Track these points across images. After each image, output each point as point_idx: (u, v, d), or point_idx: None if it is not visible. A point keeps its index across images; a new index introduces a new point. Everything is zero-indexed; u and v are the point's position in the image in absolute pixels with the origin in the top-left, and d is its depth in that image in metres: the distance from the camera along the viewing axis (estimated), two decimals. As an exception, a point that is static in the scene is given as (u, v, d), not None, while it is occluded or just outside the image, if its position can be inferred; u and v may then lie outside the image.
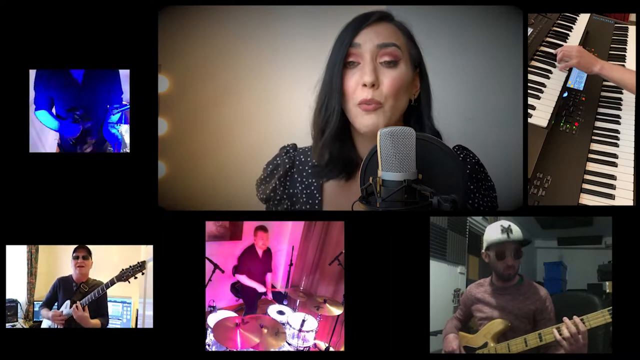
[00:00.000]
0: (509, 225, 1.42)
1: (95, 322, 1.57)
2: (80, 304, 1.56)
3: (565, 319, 1.34)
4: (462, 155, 1.47)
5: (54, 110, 1.63)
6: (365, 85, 1.35)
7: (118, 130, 1.63)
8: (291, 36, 2.08)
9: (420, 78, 1.44)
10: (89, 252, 1.58)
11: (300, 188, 1.51)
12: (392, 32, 1.40)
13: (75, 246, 1.58)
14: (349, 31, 1.39)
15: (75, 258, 1.58)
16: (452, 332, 1.48)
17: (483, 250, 1.45)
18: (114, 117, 1.63)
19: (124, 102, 1.62)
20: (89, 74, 1.62)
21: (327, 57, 1.43)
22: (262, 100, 2.11)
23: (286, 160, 1.53)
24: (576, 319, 1.33)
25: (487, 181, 1.48)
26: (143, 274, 1.55)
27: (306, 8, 2.01)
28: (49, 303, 1.62)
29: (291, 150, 1.55)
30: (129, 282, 1.55)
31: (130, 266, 1.55)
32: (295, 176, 1.52)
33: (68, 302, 1.59)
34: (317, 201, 1.49)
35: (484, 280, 1.48)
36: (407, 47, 1.41)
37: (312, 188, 1.50)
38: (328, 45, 1.42)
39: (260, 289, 1.94)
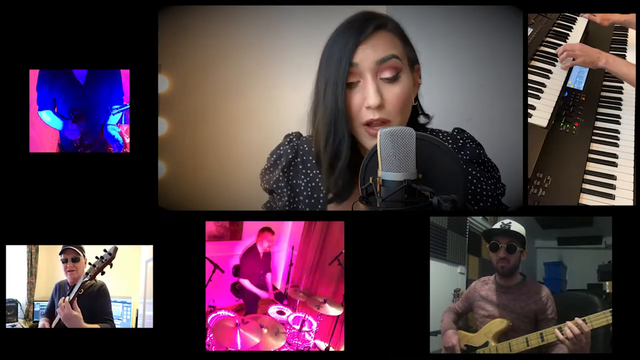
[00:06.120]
0: (510, 222, 1.43)
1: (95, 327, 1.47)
2: (67, 299, 1.45)
3: (568, 322, 1.34)
4: (461, 141, 1.43)
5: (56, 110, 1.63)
6: (369, 107, 1.29)
7: (118, 132, 1.63)
8: (291, 36, 2.08)
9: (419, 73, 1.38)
10: (79, 253, 1.51)
11: (305, 180, 1.48)
12: (388, 41, 1.32)
13: (61, 248, 1.50)
14: (346, 50, 1.29)
15: (64, 262, 1.51)
16: (450, 327, 1.48)
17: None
18: (114, 118, 1.64)
19: (124, 103, 1.62)
20: (92, 75, 1.62)
21: (317, 72, 1.36)
22: (262, 100, 2.11)
23: (289, 150, 1.50)
24: (579, 320, 1.33)
25: (489, 163, 1.44)
26: (111, 266, 1.47)
27: (306, 8, 2.01)
28: (49, 313, 1.53)
29: (295, 139, 1.51)
30: (104, 272, 1.46)
31: (99, 257, 1.47)
32: (300, 166, 1.49)
33: None
34: (321, 194, 1.46)
35: (488, 278, 1.48)
36: (405, 52, 1.34)
37: (317, 180, 1.47)
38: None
39: (263, 295, 1.94)
